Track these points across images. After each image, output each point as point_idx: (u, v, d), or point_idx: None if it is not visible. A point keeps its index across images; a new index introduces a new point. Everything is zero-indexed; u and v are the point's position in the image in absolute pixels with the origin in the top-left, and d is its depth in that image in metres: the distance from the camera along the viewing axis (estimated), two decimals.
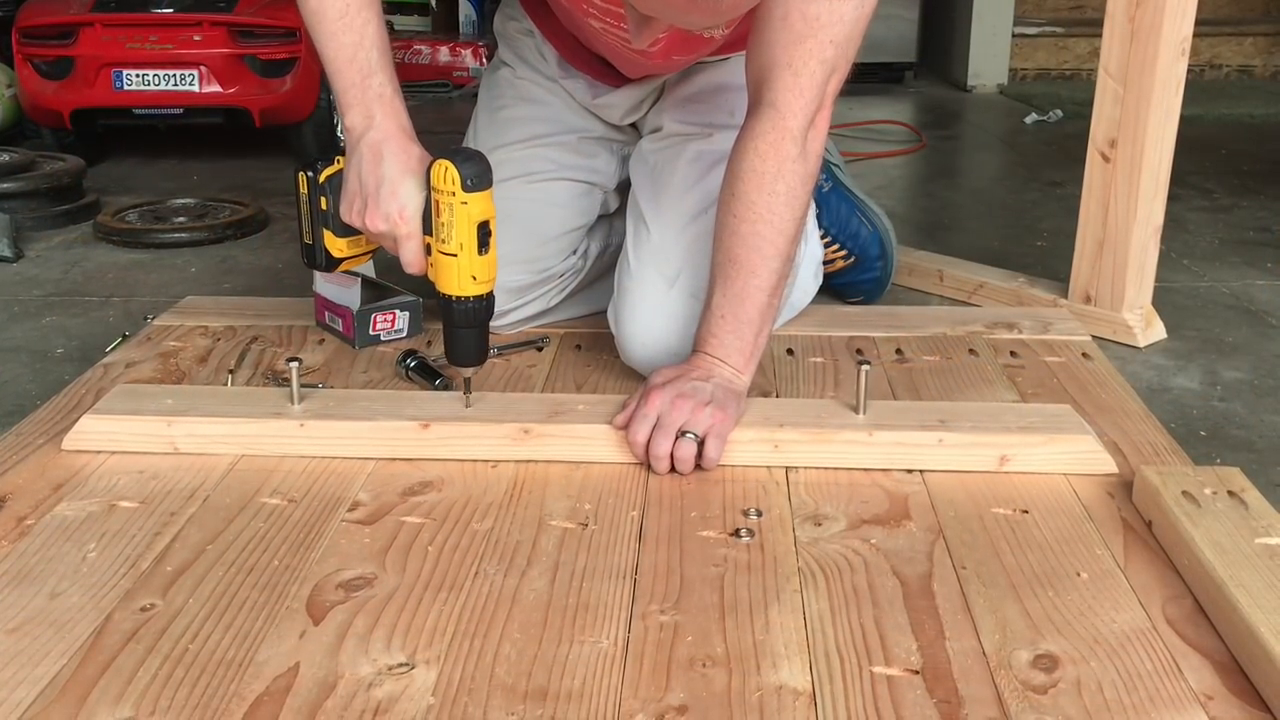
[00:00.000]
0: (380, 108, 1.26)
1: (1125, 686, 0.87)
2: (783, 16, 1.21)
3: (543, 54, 1.61)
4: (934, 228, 2.49)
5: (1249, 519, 1.03)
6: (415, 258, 1.27)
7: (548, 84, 1.62)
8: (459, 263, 1.23)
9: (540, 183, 1.57)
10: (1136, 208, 1.66)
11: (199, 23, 3.10)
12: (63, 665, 0.89)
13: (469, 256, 1.23)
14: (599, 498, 1.17)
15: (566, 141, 1.60)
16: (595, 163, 1.61)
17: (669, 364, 1.30)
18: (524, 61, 1.64)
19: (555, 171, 1.58)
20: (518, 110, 1.62)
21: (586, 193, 1.61)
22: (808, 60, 1.22)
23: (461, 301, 1.25)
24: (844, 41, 1.23)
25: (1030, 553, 1.06)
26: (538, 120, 1.60)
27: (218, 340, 1.61)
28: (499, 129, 1.62)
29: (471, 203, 1.21)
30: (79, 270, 2.16)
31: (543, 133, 1.59)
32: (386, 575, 1.02)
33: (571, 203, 1.59)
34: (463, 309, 1.26)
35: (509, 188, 1.54)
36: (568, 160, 1.59)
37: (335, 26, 1.26)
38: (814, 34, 1.21)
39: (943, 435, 1.22)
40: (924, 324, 1.66)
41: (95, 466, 1.23)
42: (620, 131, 1.64)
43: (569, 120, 1.61)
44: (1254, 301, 1.94)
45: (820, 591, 1.00)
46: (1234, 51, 4.87)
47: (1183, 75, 1.64)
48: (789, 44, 1.21)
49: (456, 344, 1.28)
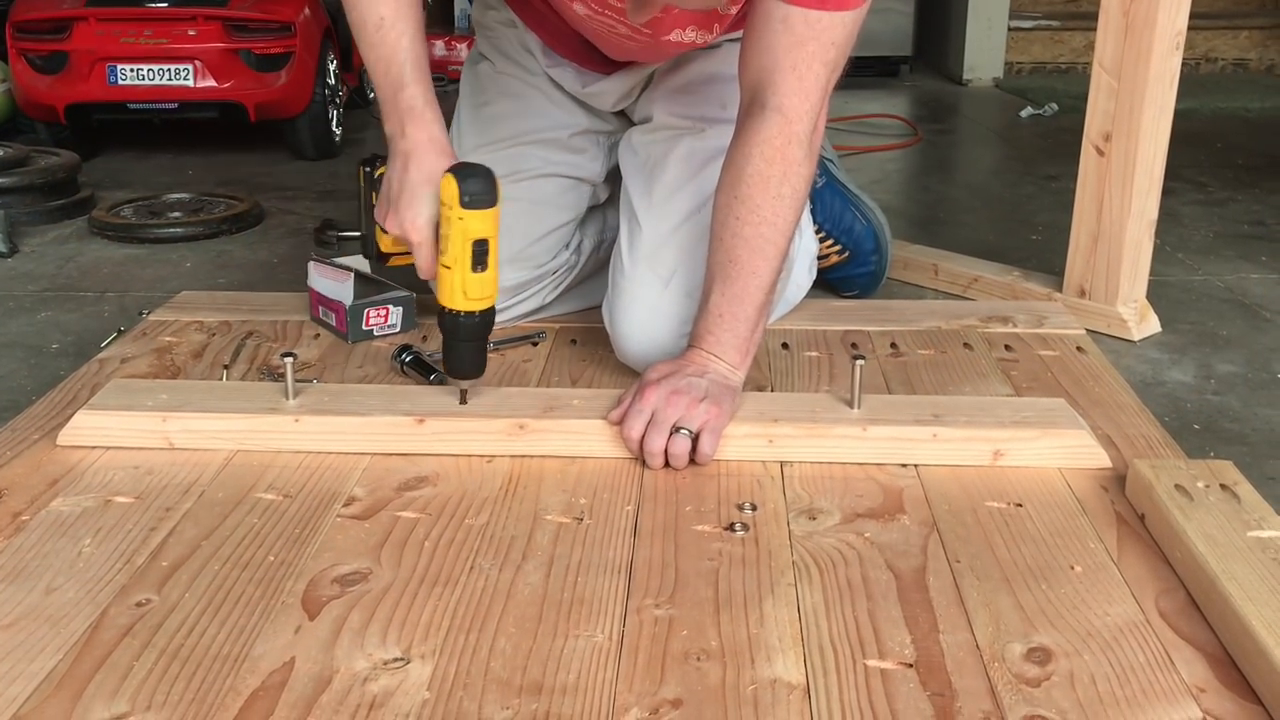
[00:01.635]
0: (410, 120, 1.26)
1: (1118, 679, 0.87)
2: (783, 19, 1.20)
3: (526, 45, 1.60)
4: (929, 222, 2.49)
5: (1241, 512, 1.03)
6: (427, 264, 1.27)
7: (531, 78, 1.61)
8: (453, 276, 1.23)
9: (527, 180, 1.56)
10: (1131, 202, 1.66)
11: (193, 17, 3.09)
12: (58, 660, 0.89)
13: (462, 272, 1.23)
14: (594, 492, 1.17)
15: (553, 138, 1.59)
16: (582, 158, 1.61)
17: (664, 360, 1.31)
18: (505, 55, 1.63)
19: (542, 168, 1.58)
20: (501, 106, 1.61)
21: (574, 187, 1.60)
22: (811, 63, 1.22)
23: (453, 315, 1.25)
24: (844, 42, 1.23)
25: (1024, 546, 1.06)
26: (522, 116, 1.59)
27: (213, 335, 1.61)
28: (483, 126, 1.61)
29: (468, 219, 1.20)
30: (74, 265, 2.16)
31: (528, 129, 1.58)
32: (382, 570, 1.02)
33: (559, 198, 1.59)
34: (454, 322, 1.26)
35: None
36: (555, 156, 1.58)
37: (373, 39, 1.27)
38: (816, 36, 1.21)
39: (937, 429, 1.22)
40: (919, 318, 1.66)
41: (90, 462, 1.23)
42: (607, 120, 1.63)
43: (554, 115, 1.60)
44: (1248, 295, 1.95)
45: (815, 585, 1.00)
46: (1229, 45, 4.87)
47: (1177, 69, 1.64)
48: (791, 47, 1.21)
49: (451, 356, 1.28)
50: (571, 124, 1.60)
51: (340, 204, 2.73)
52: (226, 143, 3.36)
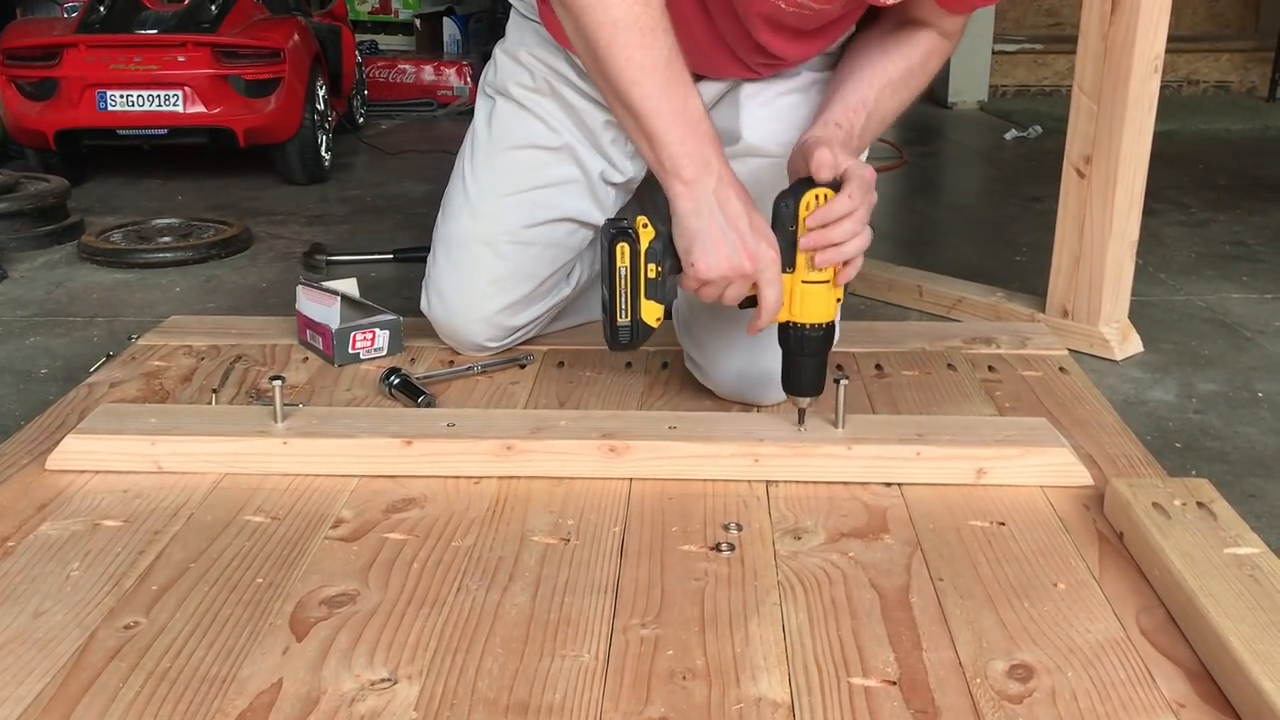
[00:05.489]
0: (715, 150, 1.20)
1: (1099, 695, 0.88)
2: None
3: (559, 70, 1.49)
4: (914, 243, 2.51)
5: (1218, 529, 1.04)
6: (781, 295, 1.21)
7: (563, 117, 1.50)
8: (829, 287, 1.22)
9: (543, 225, 1.52)
10: (1111, 223, 1.68)
11: (183, 44, 3.12)
12: (46, 683, 0.89)
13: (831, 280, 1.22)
14: (581, 513, 1.18)
15: (573, 187, 1.51)
16: (596, 206, 1.53)
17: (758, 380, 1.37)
18: (540, 91, 1.51)
19: (558, 214, 1.52)
20: (522, 156, 1.51)
21: (580, 230, 1.55)
22: None
23: (817, 329, 1.23)
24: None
25: (1006, 564, 1.07)
26: (546, 166, 1.51)
27: (201, 359, 1.61)
28: (501, 175, 1.52)
29: None
30: (63, 290, 2.16)
31: (547, 180, 1.51)
32: (369, 591, 1.03)
33: (568, 239, 1.55)
34: (819, 336, 1.23)
35: (512, 233, 1.51)
36: (570, 204, 1.52)
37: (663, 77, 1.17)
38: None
39: (920, 448, 1.23)
40: (903, 339, 1.68)
41: (79, 486, 1.23)
42: (635, 161, 1.52)
43: (582, 159, 1.51)
44: (1229, 314, 1.97)
45: (799, 604, 1.01)
46: (1211, 68, 4.93)
47: (1155, 92, 1.66)
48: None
49: (806, 372, 1.25)
50: (592, 172, 1.51)
51: (329, 228, 2.74)
52: (216, 168, 3.38)
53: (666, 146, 1.18)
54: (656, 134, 1.18)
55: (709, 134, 1.19)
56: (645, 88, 1.17)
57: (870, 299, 2.00)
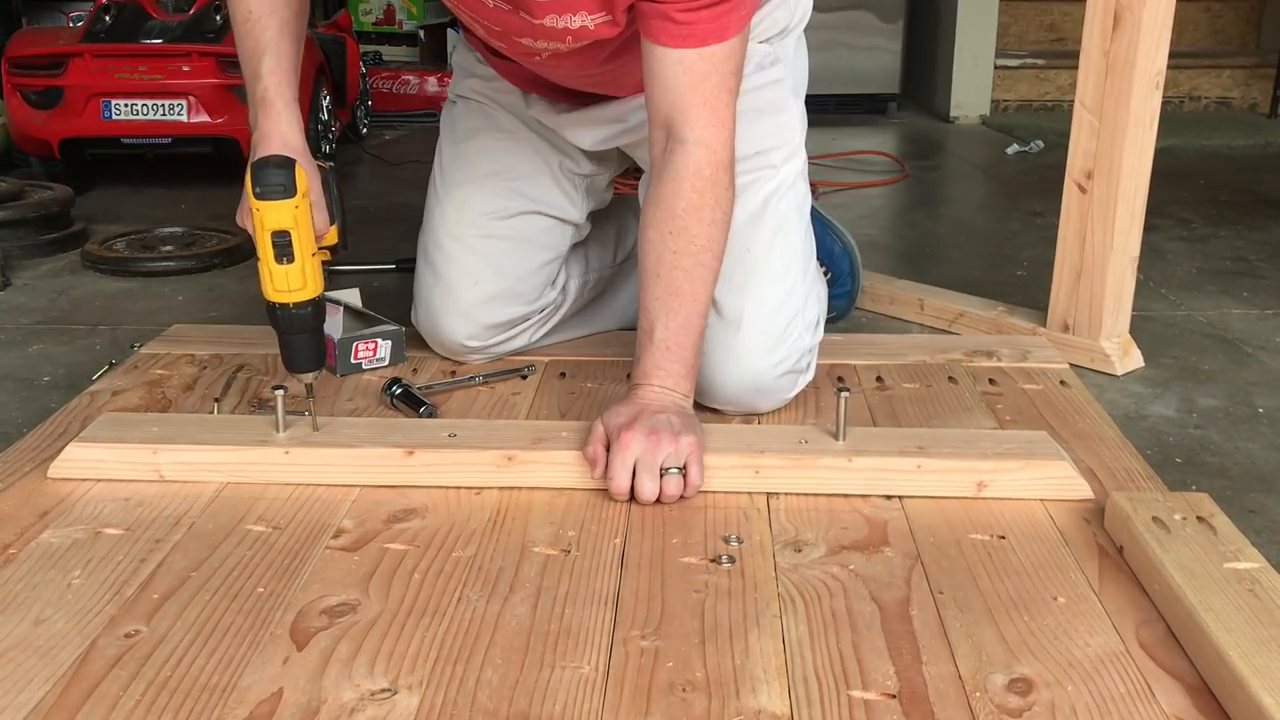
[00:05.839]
0: (262, 111, 1.29)
1: (1099, 709, 0.88)
2: (679, 60, 1.23)
3: (505, 86, 1.58)
4: (915, 257, 2.51)
5: (1217, 544, 1.04)
6: None
7: (510, 117, 1.59)
8: (261, 268, 1.26)
9: (512, 218, 1.56)
10: (1113, 238, 1.69)
11: (187, 53, 3.12)
12: (46, 691, 0.90)
13: (268, 264, 1.25)
14: (581, 524, 1.18)
15: (537, 176, 1.58)
16: (564, 200, 1.60)
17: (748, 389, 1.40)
18: (485, 96, 1.61)
19: (526, 206, 1.57)
20: (482, 142, 1.59)
21: (557, 226, 1.60)
22: (719, 94, 1.25)
23: (269, 307, 1.28)
24: (739, 65, 1.27)
25: (1006, 578, 1.07)
26: (504, 153, 1.58)
27: (204, 368, 1.62)
28: (465, 163, 1.59)
29: (263, 210, 1.23)
30: (66, 298, 2.17)
31: (510, 166, 1.58)
32: (370, 601, 1.03)
33: (543, 236, 1.59)
34: (271, 314, 1.29)
35: (480, 224, 1.54)
36: (538, 195, 1.58)
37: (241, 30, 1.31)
38: (716, 69, 1.24)
39: (921, 461, 1.24)
40: (904, 352, 1.68)
41: (81, 494, 1.24)
42: (588, 162, 1.61)
43: (535, 153, 1.58)
44: (1230, 330, 1.97)
45: (799, 617, 1.01)
46: (1212, 84, 4.94)
47: (1157, 108, 1.66)
48: (696, 84, 1.24)
49: (283, 349, 1.31)
50: (552, 163, 1.59)
51: None
52: (219, 177, 3.38)
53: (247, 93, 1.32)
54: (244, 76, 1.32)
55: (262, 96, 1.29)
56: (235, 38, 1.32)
57: (872, 312, 2.00)
